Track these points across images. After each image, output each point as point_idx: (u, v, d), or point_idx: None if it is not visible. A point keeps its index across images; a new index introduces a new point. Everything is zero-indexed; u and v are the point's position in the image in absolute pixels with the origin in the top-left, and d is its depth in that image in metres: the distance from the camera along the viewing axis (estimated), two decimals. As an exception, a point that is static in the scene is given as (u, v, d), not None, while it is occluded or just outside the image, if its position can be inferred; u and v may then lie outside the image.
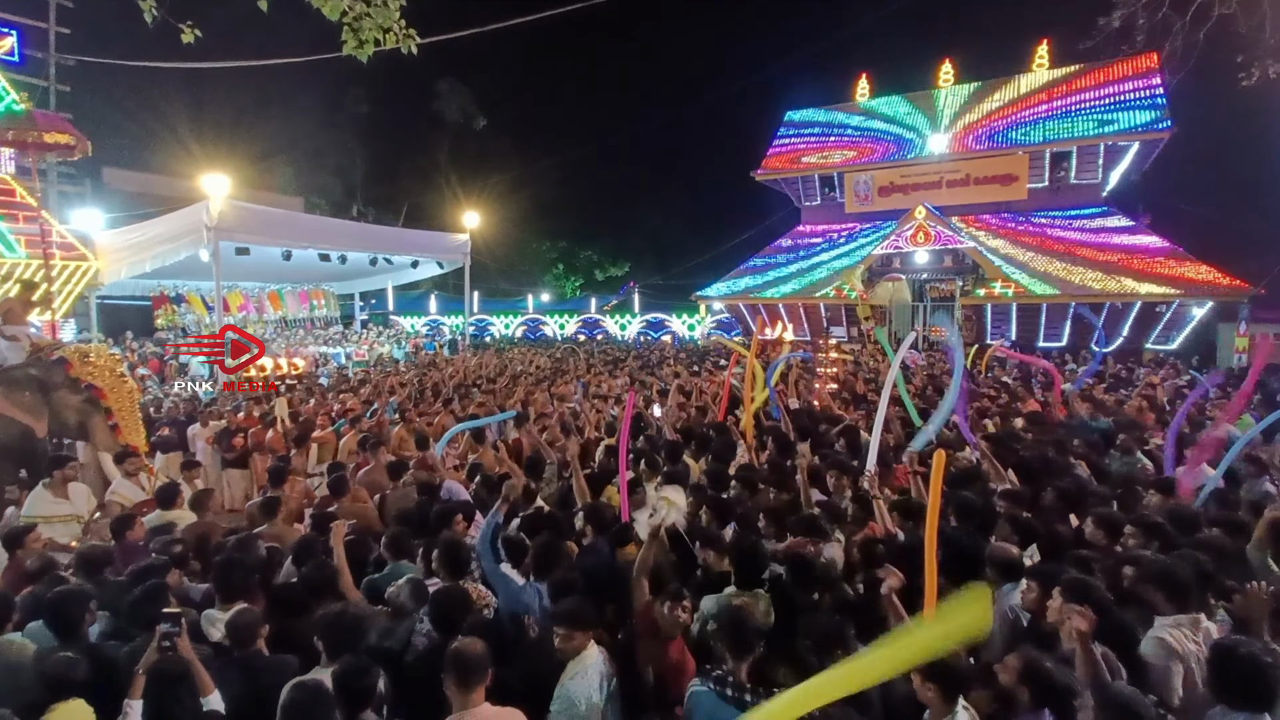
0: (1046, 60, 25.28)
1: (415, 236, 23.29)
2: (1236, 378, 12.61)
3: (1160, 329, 19.90)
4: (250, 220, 14.71)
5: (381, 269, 21.93)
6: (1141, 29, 13.94)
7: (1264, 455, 6.05)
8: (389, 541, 4.19)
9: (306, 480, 6.78)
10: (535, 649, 3.37)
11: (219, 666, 2.96)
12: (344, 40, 5.54)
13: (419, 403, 10.54)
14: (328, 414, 9.41)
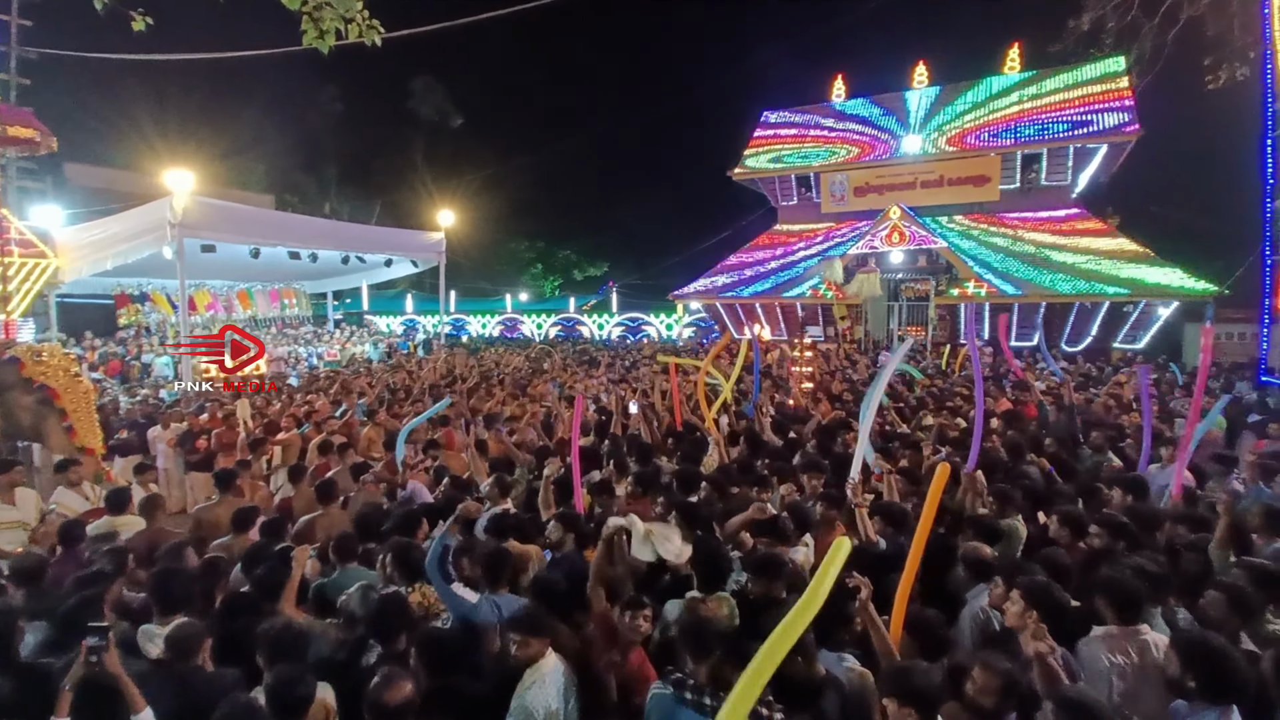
0: (1018, 63, 25.62)
1: (388, 235, 22.93)
2: (1211, 377, 12.85)
3: (1128, 329, 20.26)
4: (216, 217, 14.34)
5: (354, 268, 21.56)
6: (1110, 32, 14.19)
7: (1229, 452, 6.13)
8: (336, 545, 4.05)
9: (266, 484, 6.58)
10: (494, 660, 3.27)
11: (155, 682, 2.82)
12: (304, 31, 5.39)
13: (390, 404, 10.35)
14: (294, 415, 9.20)
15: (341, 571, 4.04)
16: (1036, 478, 5.36)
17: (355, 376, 13.99)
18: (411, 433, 7.06)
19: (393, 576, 3.83)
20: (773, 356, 15.50)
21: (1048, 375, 12.17)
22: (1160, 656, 2.80)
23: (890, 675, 2.53)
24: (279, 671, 2.72)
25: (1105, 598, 3.06)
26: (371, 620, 3.24)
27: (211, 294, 22.63)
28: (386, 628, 3.18)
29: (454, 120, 41.73)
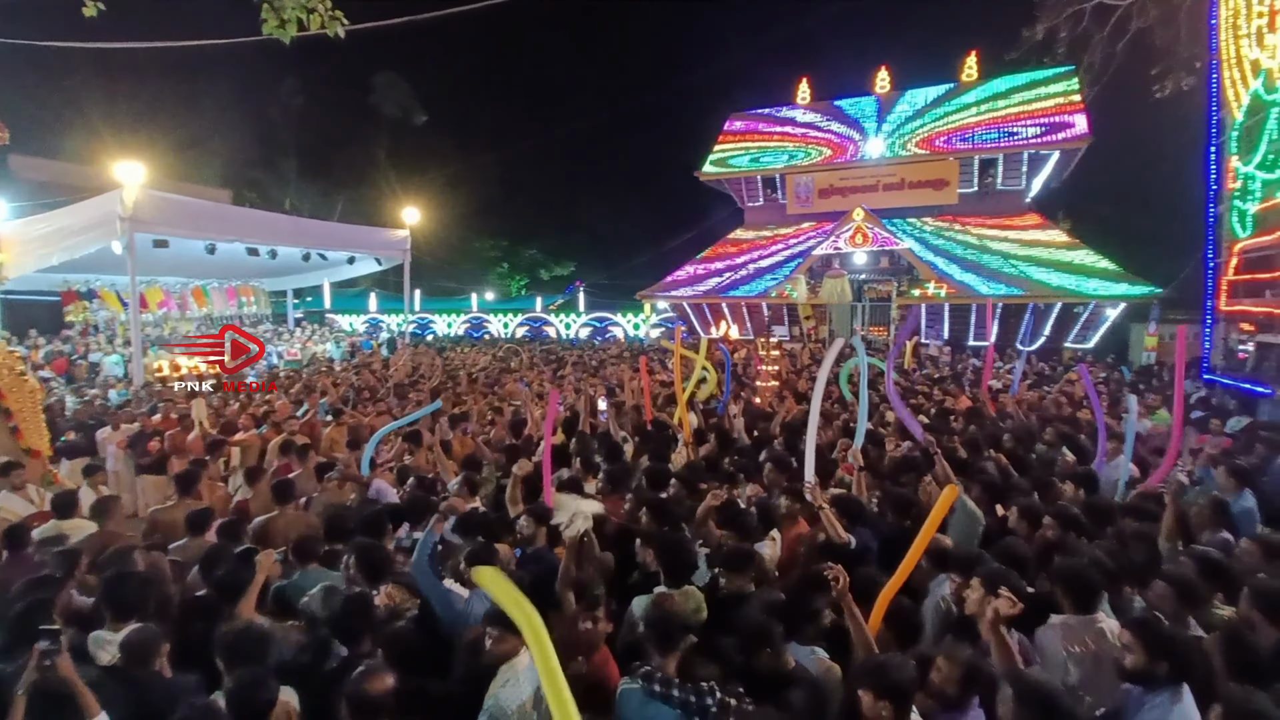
0: (975, 70, 26.29)
1: (351, 232, 22.48)
2: (1146, 374, 13.38)
3: (1078, 329, 20.97)
4: (169, 211, 13.88)
5: (316, 265, 21.08)
6: (1063, 41, 14.67)
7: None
8: (296, 546, 3.97)
9: (224, 486, 6.41)
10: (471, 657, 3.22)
11: (110, 689, 2.73)
12: (264, 20, 5.26)
13: (354, 403, 10.16)
14: (253, 416, 8.97)
15: (302, 573, 3.97)
16: (994, 473, 5.52)
17: (317, 375, 13.70)
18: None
19: (356, 578, 3.77)
20: (739, 356, 15.64)
21: (1004, 374, 12.53)
22: (1116, 643, 2.91)
23: (867, 669, 2.57)
24: (240, 675, 2.66)
25: (1062, 587, 3.17)
26: (335, 621, 3.18)
27: (164, 291, 21.92)
28: (351, 629, 3.13)
29: (418, 117, 41.13)
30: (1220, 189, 10.66)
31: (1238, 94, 9.92)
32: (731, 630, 3.10)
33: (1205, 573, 3.38)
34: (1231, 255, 10.08)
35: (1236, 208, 9.90)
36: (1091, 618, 3.06)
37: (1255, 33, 9.30)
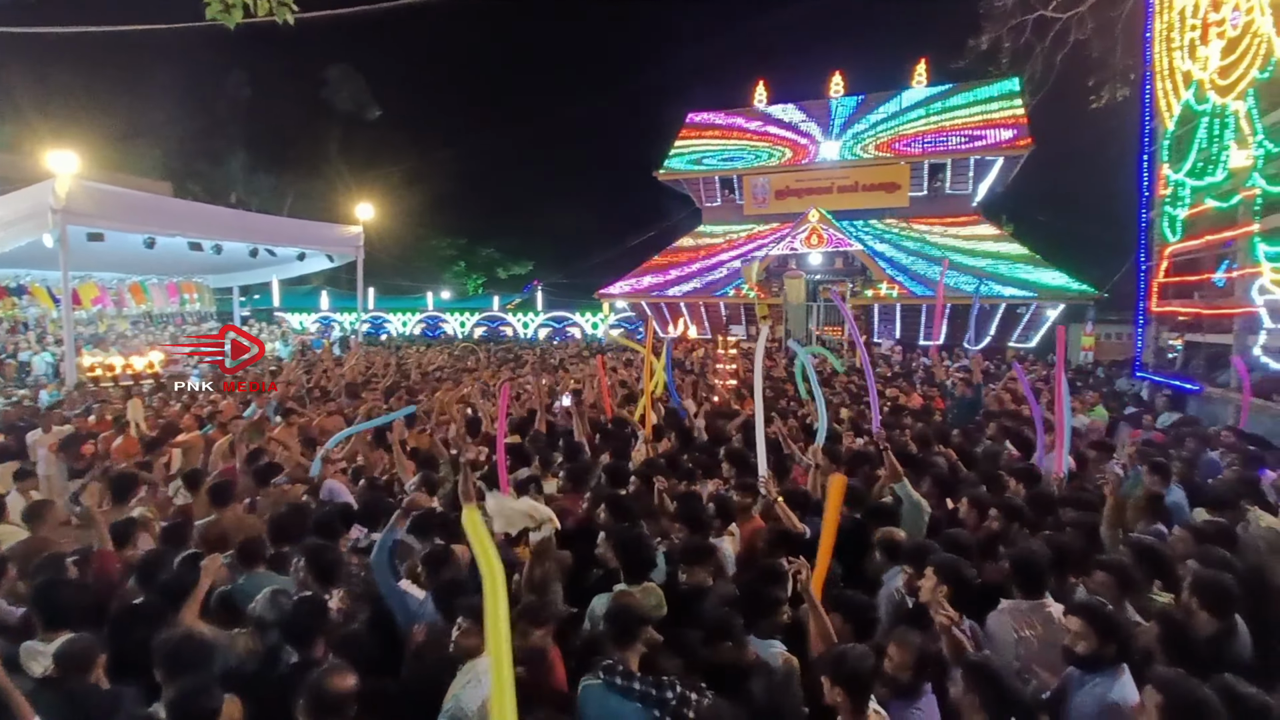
0: (925, 77, 27.06)
1: (301, 227, 21.79)
2: (1083, 373, 13.98)
3: (1021, 329, 21.78)
4: (106, 203, 13.24)
5: (264, 261, 20.38)
6: (1006, 52, 15.22)
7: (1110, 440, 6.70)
8: (241, 550, 3.85)
9: (164, 490, 6.15)
10: (419, 659, 3.17)
11: (45, 701, 2.60)
12: (208, 4, 5.07)
13: (305, 403, 9.88)
14: (196, 416, 8.64)
15: (248, 577, 3.85)
16: (944, 466, 5.69)
17: (264, 374, 13.26)
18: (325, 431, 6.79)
19: (306, 580, 3.66)
20: (697, 355, 15.76)
21: (953, 372, 12.92)
22: (1065, 627, 3.03)
23: (829, 658, 2.62)
24: (182, 685, 2.56)
25: (1014, 572, 3.29)
26: (287, 625, 3.09)
27: (99, 287, 20.91)
28: (303, 633, 3.04)
29: (372, 112, 40.22)
30: (1152, 195, 11.20)
31: (1170, 104, 10.44)
32: (692, 624, 3.12)
33: (1142, 560, 3.55)
34: (1162, 259, 10.60)
35: (1167, 213, 10.42)
36: (1040, 602, 3.18)
37: (1187, 45, 9.81)
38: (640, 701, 2.63)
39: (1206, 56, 9.15)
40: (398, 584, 3.54)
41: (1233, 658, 2.96)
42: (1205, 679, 2.47)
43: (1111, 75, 13.56)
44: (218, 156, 36.41)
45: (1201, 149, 9.33)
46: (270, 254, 19.35)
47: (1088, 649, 2.67)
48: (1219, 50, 8.78)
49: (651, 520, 4.47)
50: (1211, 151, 9.04)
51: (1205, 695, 2.19)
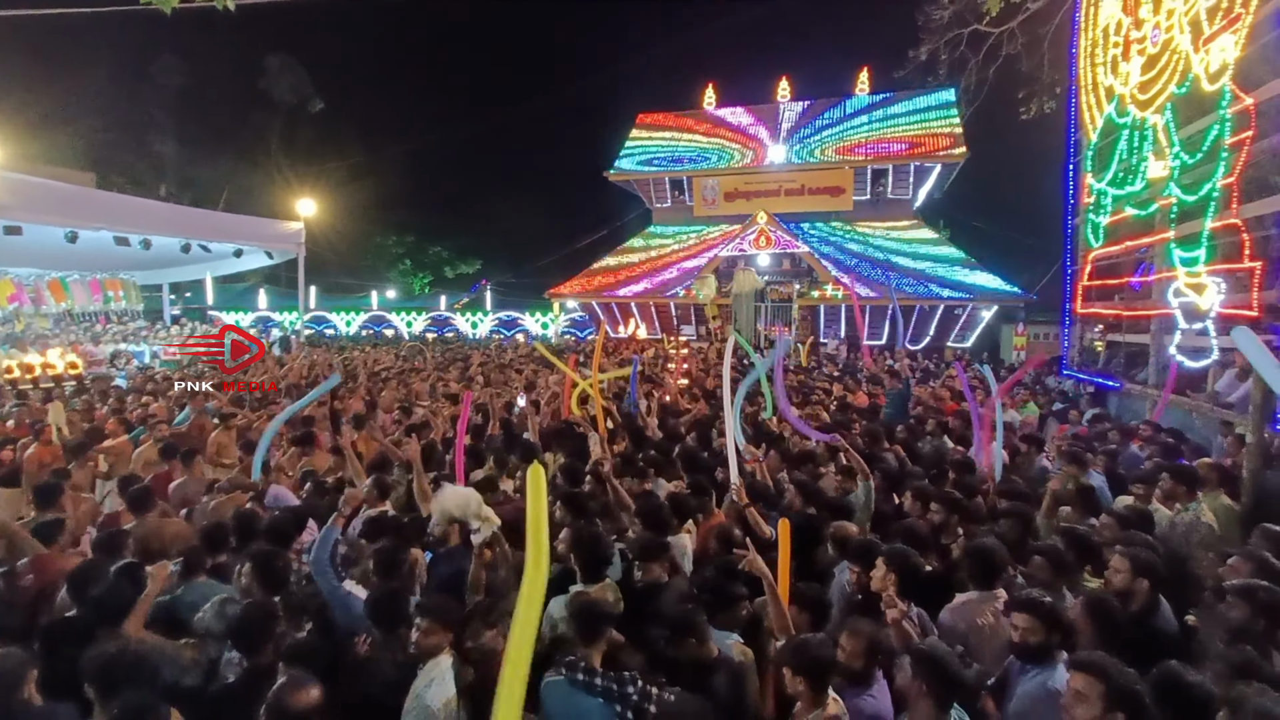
0: (867, 85, 27.88)
1: (238, 222, 20.97)
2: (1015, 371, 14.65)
3: (958, 329, 22.69)
4: (22, 194, 12.49)
5: (197, 257, 19.54)
6: (943, 63, 15.83)
7: (1041, 435, 7.07)
8: (184, 558, 3.72)
9: (91, 497, 5.85)
10: (367, 666, 3.10)
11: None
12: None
13: (245, 406, 9.50)
14: (123, 420, 8.22)
15: (187, 586, 3.71)
16: (893, 462, 5.91)
17: (199, 376, 12.69)
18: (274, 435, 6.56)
19: (251, 588, 3.55)
20: (649, 355, 15.84)
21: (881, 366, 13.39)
22: None
23: (790, 648, 2.69)
24: (123, 700, 2.45)
25: (967, 565, 3.43)
26: (236, 633, 2.99)
27: (15, 283, 19.67)
28: (253, 640, 2.95)
29: (314, 104, 38.86)
30: (1077, 203, 11.84)
31: (1093, 117, 11.06)
32: (653, 620, 3.16)
33: (1074, 546, 3.77)
34: (1086, 263, 11.21)
35: (1090, 220, 11.02)
36: (993, 593, 3.34)
37: (1110, 61, 10.40)
38: (603, 697, 2.65)
39: (1128, 72, 9.72)
40: (340, 585, 3.45)
41: (1158, 633, 3.17)
42: (1134, 656, 2.65)
43: (1040, 89, 14.28)
44: (147, 147, 34.61)
45: (1122, 160, 9.91)
46: (204, 249, 18.59)
47: (1036, 641, 2.76)
48: (1139, 66, 9.35)
49: (608, 519, 4.50)
50: (1131, 162, 9.62)
51: (1129, 677, 2.31)
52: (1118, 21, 10.20)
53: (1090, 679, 2.31)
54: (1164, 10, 8.74)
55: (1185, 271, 8.08)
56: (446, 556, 4.04)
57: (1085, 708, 2.29)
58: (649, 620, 3.21)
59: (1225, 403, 7.15)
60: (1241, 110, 7.11)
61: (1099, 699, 2.27)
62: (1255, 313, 6.85)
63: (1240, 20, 7.03)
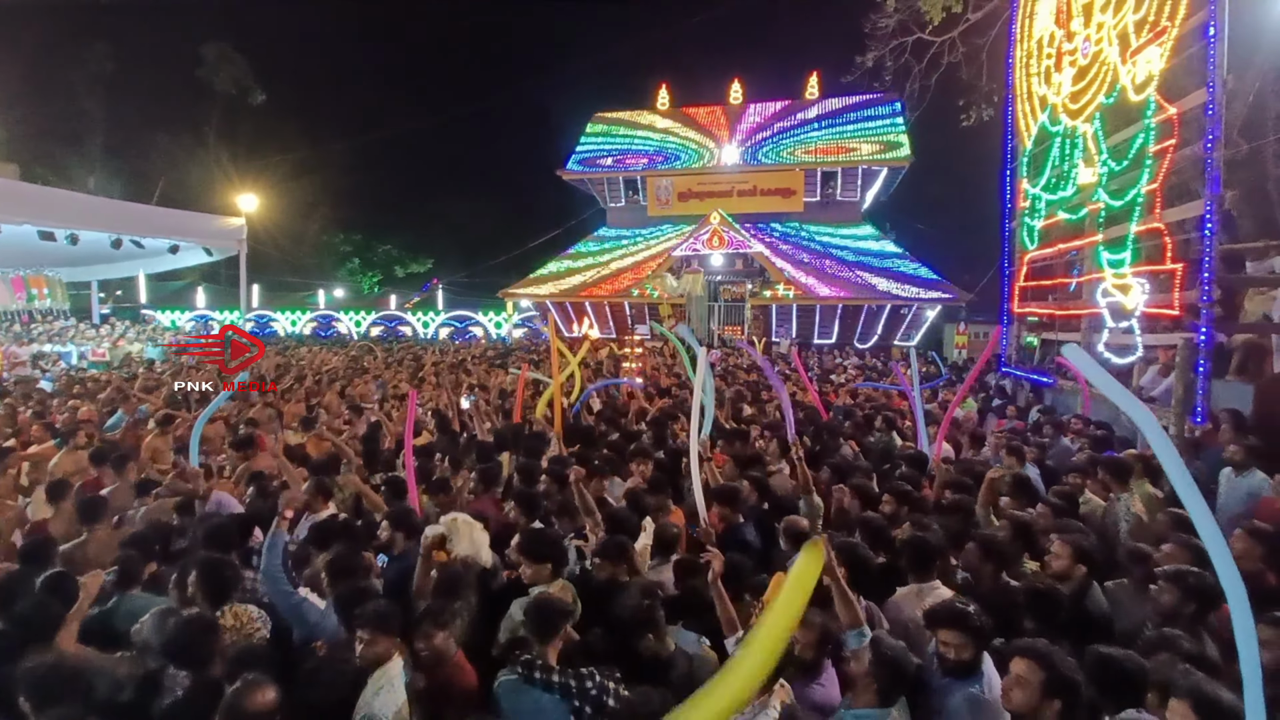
0: (817, 90, 28.46)
1: (174, 217, 20.08)
2: (957, 369, 15.19)
3: (904, 328, 23.38)
4: (-66, 187, 11.71)
5: (129, 253, 18.64)
6: (889, 70, 16.30)
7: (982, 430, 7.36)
8: (120, 568, 3.56)
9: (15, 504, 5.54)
10: (322, 673, 3.03)
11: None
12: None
13: (180, 409, 9.12)
14: (48, 425, 7.80)
15: (121, 598, 3.56)
16: (847, 456, 6.07)
17: (132, 379, 12.13)
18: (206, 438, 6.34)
19: (194, 598, 3.42)
20: (604, 353, 15.84)
21: (839, 368, 13.75)
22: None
23: (741, 641, 2.71)
24: (57, 715, 2.34)
25: (906, 558, 3.54)
26: (178, 647, 2.86)
27: (-74, 281, 18.43)
28: (198, 654, 2.83)
29: (255, 96, 37.48)
30: (1013, 207, 12.34)
31: (1028, 125, 11.55)
32: (612, 617, 3.17)
33: (1016, 533, 3.94)
34: (1022, 265, 11.70)
35: (1026, 224, 11.51)
36: (932, 584, 3.46)
37: (1044, 72, 10.88)
38: (560, 693, 2.66)
39: (1060, 82, 10.18)
40: (293, 592, 3.34)
41: (1090, 615, 3.35)
42: (1068, 637, 2.79)
43: (979, 97, 14.86)
44: (74, 138, 32.82)
45: (1055, 166, 10.38)
46: (136, 245, 17.75)
47: (967, 657, 2.71)
48: (1071, 77, 9.80)
49: (567, 518, 4.49)
50: (1063, 169, 10.08)
51: (1068, 665, 2.41)
52: (1051, 34, 10.67)
53: (1032, 665, 2.39)
54: (1094, 23, 9.18)
55: (1112, 273, 8.50)
56: (397, 560, 3.97)
57: (1024, 693, 2.37)
58: (608, 618, 3.23)
59: (1149, 397, 7.56)
60: (1165, 120, 7.52)
61: (1039, 685, 2.35)
62: (1176, 312, 7.26)
63: (1166, 33, 7.42)
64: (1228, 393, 6.69)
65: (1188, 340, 6.19)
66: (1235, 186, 9.62)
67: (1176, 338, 6.69)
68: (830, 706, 2.79)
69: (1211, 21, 6.67)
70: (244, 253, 20.17)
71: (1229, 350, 7.34)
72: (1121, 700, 2.40)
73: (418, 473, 4.97)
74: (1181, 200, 7.66)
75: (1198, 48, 7.04)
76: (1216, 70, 6.63)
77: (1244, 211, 10.04)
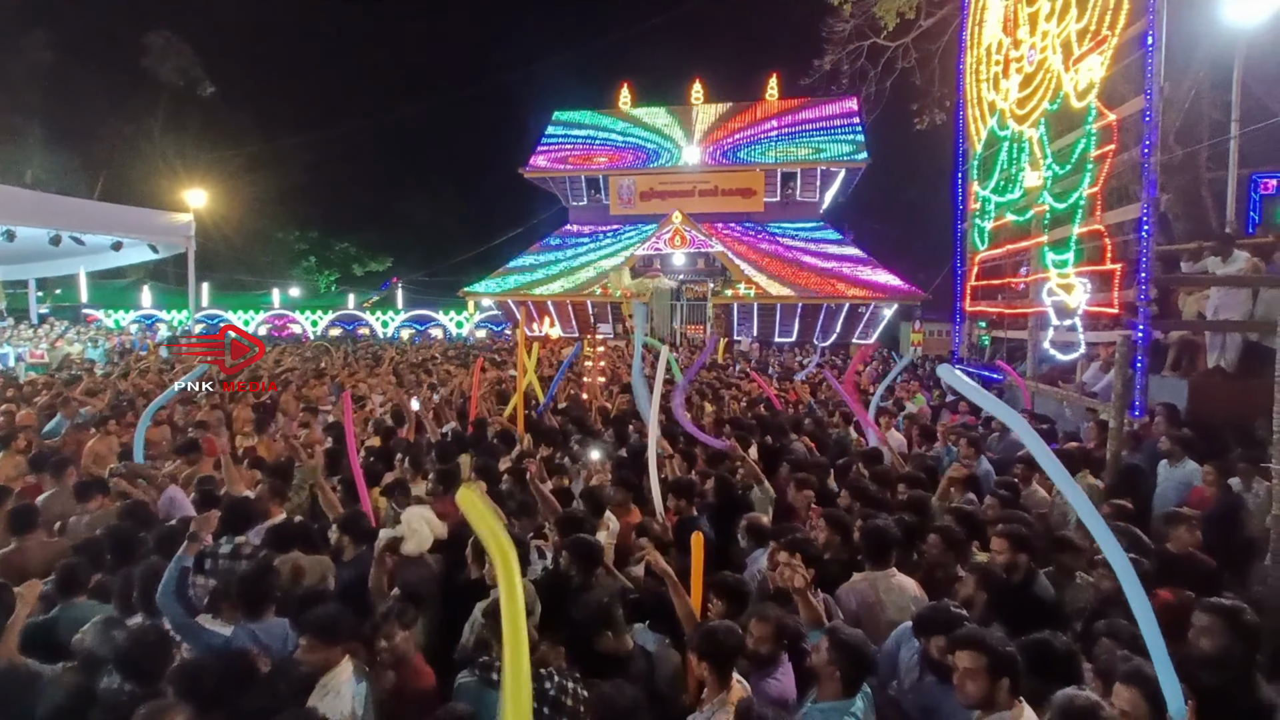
0: (777, 91, 28.83)
1: (117, 213, 19.28)
2: (911, 366, 15.59)
3: (862, 326, 23.88)
4: None
5: (69, 250, 17.80)
6: (846, 74, 16.61)
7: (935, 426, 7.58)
8: (61, 575, 3.43)
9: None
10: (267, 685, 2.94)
11: None
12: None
13: (126, 412, 8.78)
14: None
15: (64, 606, 3.43)
16: (801, 452, 6.18)
17: (73, 383, 11.63)
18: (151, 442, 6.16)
19: (135, 605, 3.31)
20: (566, 353, 15.80)
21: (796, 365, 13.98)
22: (909, 594, 3.44)
23: (698, 635, 2.76)
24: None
25: (864, 545, 3.64)
26: (127, 658, 2.76)
27: None
28: (146, 666, 2.73)
29: (204, 88, 36.13)
30: (965, 209, 12.73)
31: (978, 129, 11.92)
32: (574, 616, 3.18)
33: (963, 524, 4.08)
34: (973, 264, 12.07)
35: (976, 225, 11.89)
36: (888, 571, 3.56)
37: (992, 78, 11.25)
38: None
39: (1007, 89, 10.52)
40: (193, 620, 3.14)
41: (1037, 600, 3.49)
42: (1017, 621, 2.89)
43: (931, 101, 15.26)
44: (10, 129, 31.20)
45: (1003, 170, 10.73)
46: (77, 242, 17.00)
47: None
48: (1017, 84, 10.15)
49: (527, 517, 4.49)
50: (1011, 172, 10.43)
51: (1003, 642, 2.50)
52: (999, 41, 11.02)
53: (973, 654, 2.46)
54: (1039, 32, 9.51)
55: (1057, 273, 8.83)
56: (350, 565, 3.90)
57: (975, 682, 2.44)
58: (568, 616, 3.23)
59: (1090, 392, 7.88)
60: (1105, 125, 7.84)
61: (984, 671, 2.43)
62: (1116, 310, 7.58)
63: (1106, 42, 7.72)
64: (1164, 387, 7.02)
65: (1126, 337, 6.46)
66: (1171, 190, 10.08)
67: (1116, 335, 6.98)
68: (785, 700, 2.83)
69: (1150, 31, 6.96)
70: (192, 250, 19.49)
71: (1165, 347, 7.69)
72: (1052, 680, 2.50)
73: (373, 476, 4.90)
74: (1121, 203, 7.98)
75: (1136, 56, 7.34)
76: (1154, 78, 6.93)
77: (1179, 214, 10.53)
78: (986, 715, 2.44)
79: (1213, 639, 2.69)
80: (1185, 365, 7.51)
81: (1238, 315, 6.91)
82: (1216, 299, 7.22)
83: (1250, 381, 6.21)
